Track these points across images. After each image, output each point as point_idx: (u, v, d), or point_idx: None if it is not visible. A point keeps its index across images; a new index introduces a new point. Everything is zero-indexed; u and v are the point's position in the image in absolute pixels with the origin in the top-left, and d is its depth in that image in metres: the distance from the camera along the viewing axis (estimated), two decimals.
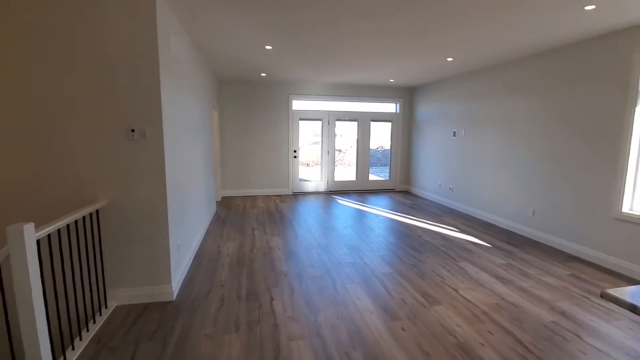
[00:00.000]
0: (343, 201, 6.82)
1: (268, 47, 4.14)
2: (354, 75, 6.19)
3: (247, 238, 4.40)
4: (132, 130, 2.51)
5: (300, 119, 7.38)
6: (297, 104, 7.34)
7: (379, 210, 6.04)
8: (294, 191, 7.56)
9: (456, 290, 2.98)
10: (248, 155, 7.17)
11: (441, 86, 6.55)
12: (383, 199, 7.07)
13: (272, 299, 2.79)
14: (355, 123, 7.70)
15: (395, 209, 6.21)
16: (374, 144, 8.43)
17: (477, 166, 5.56)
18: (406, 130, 7.95)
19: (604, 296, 1.27)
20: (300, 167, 7.63)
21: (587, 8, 2.76)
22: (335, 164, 7.86)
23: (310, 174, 9.62)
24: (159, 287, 2.73)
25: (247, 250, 3.96)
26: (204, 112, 4.74)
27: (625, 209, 3.40)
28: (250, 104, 7.05)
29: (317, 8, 2.87)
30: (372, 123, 7.78)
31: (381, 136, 8.77)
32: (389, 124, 7.97)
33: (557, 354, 2.13)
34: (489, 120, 5.27)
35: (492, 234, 4.67)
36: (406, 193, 7.81)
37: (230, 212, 5.77)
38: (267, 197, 7.10)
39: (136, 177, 2.57)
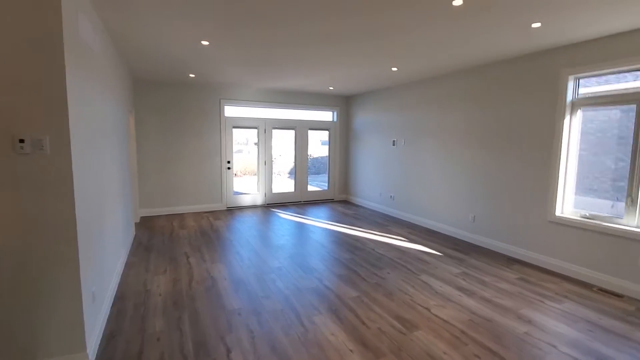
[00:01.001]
0: (284, 214, 6.38)
1: (204, 43, 3.55)
2: (293, 81, 5.87)
3: (181, 268, 3.68)
4: (21, 141, 1.75)
5: (234, 127, 6.75)
6: (230, 110, 6.70)
7: (324, 223, 5.77)
8: (229, 206, 6.85)
9: (428, 310, 2.82)
10: (173, 167, 6.25)
11: (380, 95, 6.64)
12: (324, 210, 6.84)
13: (229, 351, 2.24)
14: (293, 131, 7.36)
15: (340, 220, 6.01)
16: (309, 153, 8.17)
17: (418, 174, 5.70)
18: (344, 139, 7.91)
19: None
20: (234, 179, 6.95)
21: (533, 25, 2.90)
22: (274, 175, 7.39)
23: (245, 186, 8.94)
24: (70, 357, 1.96)
25: (185, 285, 3.27)
26: (119, 116, 3.88)
27: (559, 212, 3.70)
28: (175, 109, 6.17)
29: (271, 3, 2.47)
30: (309, 131, 7.54)
31: (314, 145, 8.60)
32: (327, 132, 7.83)
33: None
34: (428, 129, 5.44)
35: (439, 241, 4.76)
36: (346, 203, 7.72)
37: (155, 236, 4.87)
38: (197, 215, 6.27)
39: (29, 204, 1.80)
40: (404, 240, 4.76)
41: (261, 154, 7.08)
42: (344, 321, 2.62)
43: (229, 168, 6.74)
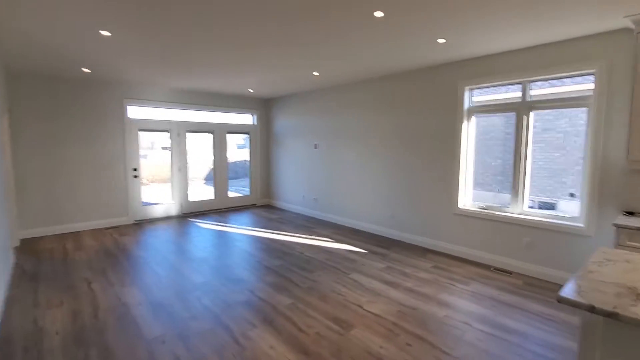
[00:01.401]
0: (204, 224, 5.95)
1: (105, 33, 3.07)
2: (210, 82, 5.52)
3: (82, 298, 3.11)
4: None
5: (141, 130, 6.04)
6: (136, 112, 5.97)
7: (249, 230, 5.56)
8: (137, 219, 6.09)
9: (361, 307, 2.92)
10: (64, 178, 5.28)
11: (302, 99, 6.69)
12: (247, 216, 6.60)
13: None
14: (211, 135, 6.93)
15: (265, 225, 5.87)
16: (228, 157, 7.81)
17: (340, 177, 5.91)
18: (265, 142, 7.76)
19: (562, 301, 1.37)
20: (142, 187, 6.21)
21: (439, 41, 3.27)
22: (189, 181, 6.83)
23: (156, 196, 8.09)
24: None
25: (88, 316, 2.77)
26: None
27: (461, 205, 4.23)
28: (66, 110, 5.23)
29: None
30: (228, 135, 7.19)
31: (231, 149, 8.28)
32: (246, 135, 7.58)
33: (464, 347, 2.33)
34: (349, 133, 5.69)
35: (363, 239, 5.01)
36: (269, 207, 7.59)
37: (43, 262, 4.04)
38: (98, 232, 5.41)
39: None
40: (331, 241, 4.88)
41: (175, 159, 6.48)
42: (281, 331, 2.54)
43: (135, 176, 6.00)
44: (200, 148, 7.53)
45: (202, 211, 6.94)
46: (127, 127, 5.81)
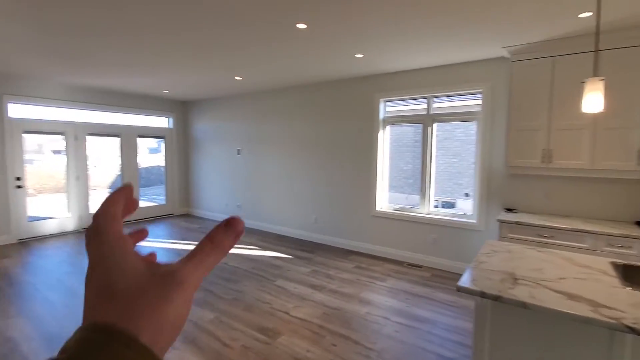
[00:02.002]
0: None
1: None
2: (116, 80, 4.97)
3: None
4: None
5: (27, 132, 5.12)
6: (21, 110, 5.04)
7: (165, 242, 5.14)
8: (22, 237, 5.13)
9: (287, 313, 2.94)
10: None
11: (225, 103, 6.44)
12: (164, 227, 6.09)
13: None
14: (118, 139, 6.22)
15: (184, 236, 5.49)
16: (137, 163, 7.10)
17: (265, 183, 5.86)
18: (183, 147, 7.26)
19: (460, 290, 1.58)
20: (28, 199, 5.26)
21: (357, 55, 3.50)
22: (90, 190, 6.02)
23: (47, 208, 6.92)
24: None
25: None
26: None
27: (378, 208, 4.57)
28: None
29: None
30: (139, 139, 6.55)
31: (142, 153, 7.62)
32: (161, 140, 7.00)
33: (384, 340, 2.52)
34: (273, 139, 5.67)
35: (288, 245, 5.03)
36: (188, 216, 7.11)
37: None
38: None
39: None
40: (256, 249, 4.80)
41: (71, 165, 5.65)
42: (204, 349, 2.41)
43: (19, 186, 5.06)
44: (105, 152, 6.69)
45: None
46: (7, 128, 4.87)
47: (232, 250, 3.94)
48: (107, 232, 0.27)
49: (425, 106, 4.22)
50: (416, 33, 2.87)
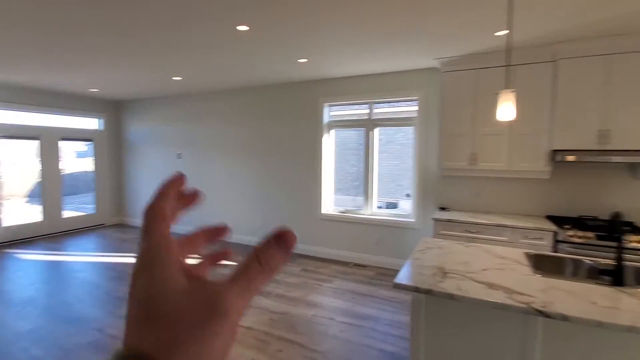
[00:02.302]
0: (28, 255, 4.69)
1: None
2: (33, 75, 4.42)
3: None
4: None
5: None
6: None
7: (95, 256, 4.68)
8: None
9: None
10: None
11: (163, 103, 6.06)
12: (93, 240, 5.55)
13: None
14: (37, 142, 5.53)
15: (117, 248, 5.06)
16: (61, 168, 6.39)
17: (208, 188, 5.62)
18: (115, 151, 6.68)
19: (397, 286, 1.67)
20: None
21: (300, 60, 3.53)
22: (3, 201, 5.27)
23: None
24: None
25: None
26: None
27: (324, 210, 4.64)
28: None
29: None
30: (62, 142, 5.89)
31: (67, 157, 6.91)
32: (89, 143, 6.38)
33: (329, 341, 2.56)
34: (217, 142, 5.48)
35: (235, 252, 4.87)
36: (122, 227, 6.56)
37: None
38: None
39: None
40: (200, 258, 4.58)
41: None
42: None
43: None
44: (22, 157, 5.91)
45: (25, 239, 5.44)
46: None
47: None
48: (153, 233, 0.24)
49: (367, 111, 4.39)
50: (355, 40, 2.99)
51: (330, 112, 4.63)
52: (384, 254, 4.24)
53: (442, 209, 3.77)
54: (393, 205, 7.55)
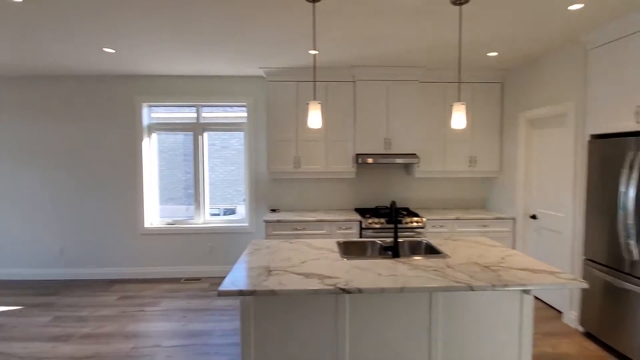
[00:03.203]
0: None
1: None
2: None
3: None
4: None
5: None
6: None
7: None
8: None
9: None
10: None
11: None
12: None
13: None
14: None
15: None
16: None
17: None
18: None
19: (221, 294, 1.60)
20: None
21: (106, 50, 2.96)
22: None
23: None
24: None
25: None
26: None
27: (148, 224, 4.07)
28: None
29: None
30: None
31: None
32: None
33: None
34: None
35: (17, 293, 3.64)
36: None
37: None
38: None
39: None
40: None
41: None
42: None
43: None
44: None
45: None
46: None
47: None
48: None
49: (194, 115, 4.15)
50: (177, 38, 2.76)
51: (151, 114, 4.13)
52: (218, 262, 4.08)
53: (273, 210, 3.96)
54: (231, 212, 7.44)
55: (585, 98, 2.69)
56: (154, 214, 4.16)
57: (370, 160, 3.61)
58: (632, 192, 2.25)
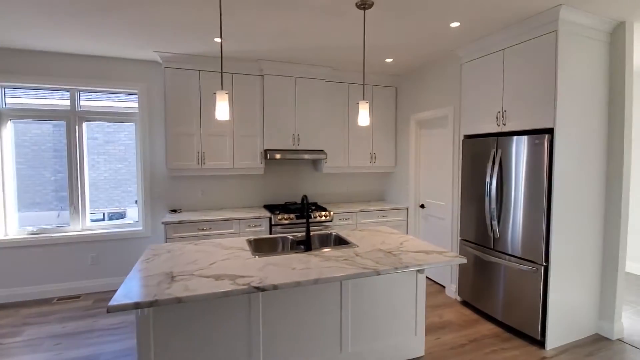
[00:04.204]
0: None
1: None
2: None
3: None
4: None
5: None
6: None
7: None
8: None
9: None
10: None
11: None
12: None
13: None
14: None
15: None
16: None
17: None
18: None
19: (111, 310, 1.35)
20: None
21: None
22: None
23: None
24: None
25: None
26: None
27: (2, 235, 3.24)
28: None
29: None
30: None
31: None
32: None
33: None
34: None
35: None
36: None
37: None
38: None
39: None
40: None
41: None
42: None
43: None
44: None
45: None
46: None
47: None
48: None
49: (68, 102, 3.46)
50: (37, 3, 2.23)
51: (5, 97, 3.29)
52: (104, 275, 3.50)
53: (174, 211, 3.59)
54: (119, 215, 6.50)
55: (460, 104, 3.18)
56: (11, 222, 3.33)
57: (278, 156, 3.58)
58: (494, 182, 2.74)
